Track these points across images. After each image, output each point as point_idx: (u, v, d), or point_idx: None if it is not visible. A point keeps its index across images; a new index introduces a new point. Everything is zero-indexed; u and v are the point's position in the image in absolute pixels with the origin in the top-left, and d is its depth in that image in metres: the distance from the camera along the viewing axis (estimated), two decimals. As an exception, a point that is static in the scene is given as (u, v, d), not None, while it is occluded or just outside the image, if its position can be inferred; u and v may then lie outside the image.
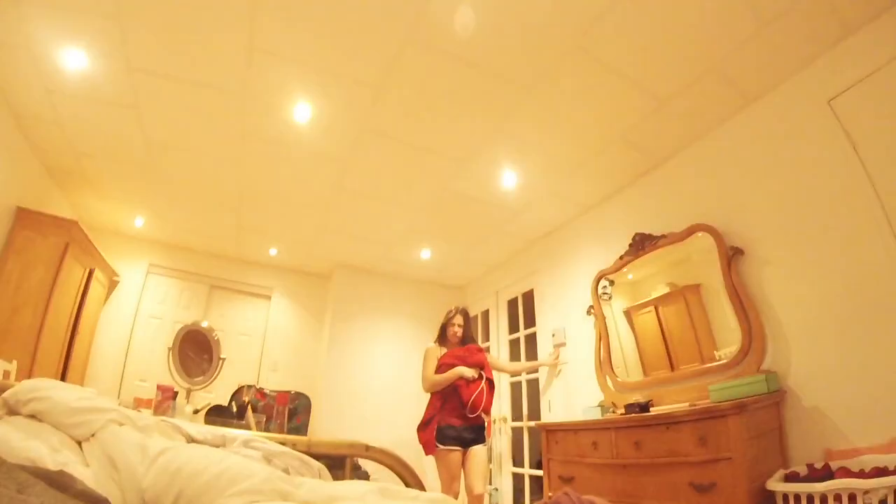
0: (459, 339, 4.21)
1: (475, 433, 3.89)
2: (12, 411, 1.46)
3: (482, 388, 3.90)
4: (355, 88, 3.45)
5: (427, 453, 3.86)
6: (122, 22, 2.99)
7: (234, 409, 3.10)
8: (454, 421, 3.82)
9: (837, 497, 2.17)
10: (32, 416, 1.43)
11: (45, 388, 1.49)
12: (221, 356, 3.76)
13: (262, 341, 6.69)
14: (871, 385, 2.65)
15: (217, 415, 3.01)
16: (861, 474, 2.25)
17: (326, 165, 4.37)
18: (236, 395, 3.24)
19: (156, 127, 3.96)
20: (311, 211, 5.25)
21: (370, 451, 2.49)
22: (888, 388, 2.59)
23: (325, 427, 5.76)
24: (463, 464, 3.81)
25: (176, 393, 3.40)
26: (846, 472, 2.32)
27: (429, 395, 4.07)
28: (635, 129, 3.80)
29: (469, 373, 3.90)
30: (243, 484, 1.34)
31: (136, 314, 5.96)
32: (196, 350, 3.69)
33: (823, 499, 2.21)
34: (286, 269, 6.99)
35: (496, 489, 5.62)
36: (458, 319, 4.24)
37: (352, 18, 2.92)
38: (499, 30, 2.97)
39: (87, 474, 1.28)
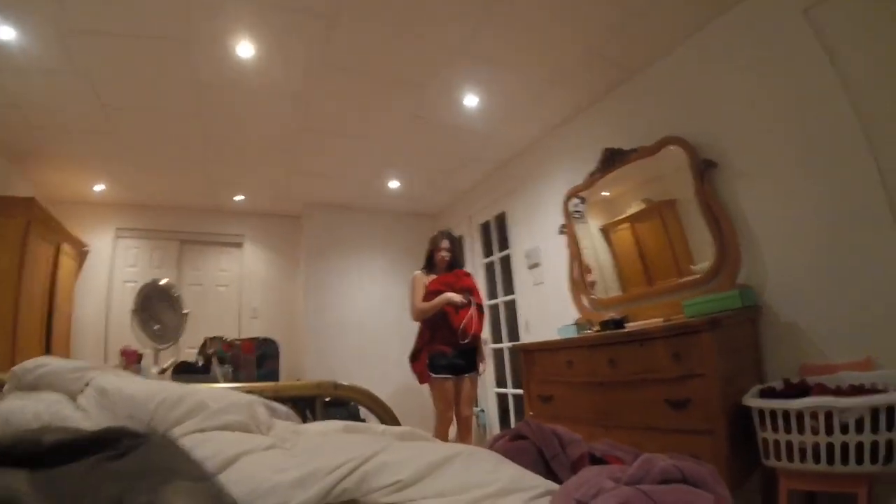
0: (447, 263, 4.04)
1: (466, 360, 3.84)
2: (20, 385, 1.55)
3: (472, 313, 3.80)
4: (306, 19, 3.15)
5: (421, 382, 3.82)
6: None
7: (200, 363, 2.97)
8: (445, 349, 3.74)
9: (814, 414, 2.10)
10: (35, 387, 1.52)
11: (49, 360, 1.61)
12: (184, 311, 3.58)
13: (240, 290, 6.54)
14: (849, 301, 2.59)
15: (183, 372, 2.87)
16: (838, 391, 2.19)
17: (285, 104, 4.09)
18: (202, 349, 3.10)
19: (104, 89, 3.67)
20: (275, 152, 4.99)
21: (339, 389, 2.37)
22: (865, 304, 2.52)
23: (312, 368, 5.74)
24: (455, 391, 3.79)
25: (140, 356, 3.26)
26: (823, 389, 2.25)
27: (418, 325, 3.98)
28: (605, 42, 3.54)
29: (458, 298, 3.77)
30: (224, 415, 1.43)
31: (110, 281, 5.79)
32: (164, 308, 3.52)
33: (800, 416, 2.15)
34: (255, 213, 6.73)
35: (482, 410, 5.65)
36: (445, 244, 4.06)
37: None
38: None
39: (75, 416, 1.38)
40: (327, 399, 2.44)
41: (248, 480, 1.04)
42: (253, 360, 3.02)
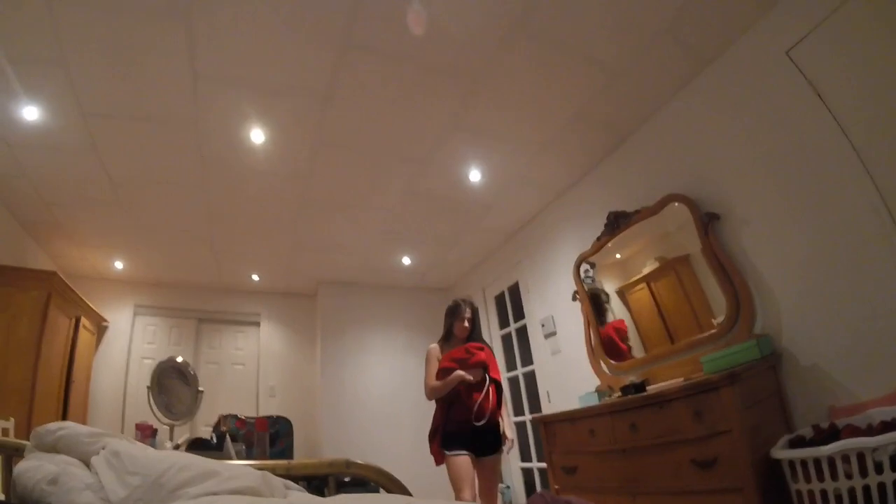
0: (467, 335, 3.59)
1: (486, 440, 3.31)
2: (40, 445, 1.56)
3: (486, 391, 3.34)
4: (303, 101, 3.30)
5: (437, 464, 3.36)
6: (66, 68, 2.87)
7: (214, 440, 2.91)
8: (460, 427, 3.26)
9: (846, 458, 1.98)
10: (54, 448, 1.54)
11: (69, 424, 1.62)
12: (199, 389, 3.56)
13: (257, 368, 6.50)
14: (868, 335, 2.50)
15: (197, 448, 2.82)
16: (869, 430, 2.07)
17: (289, 182, 4.21)
18: (216, 426, 3.05)
19: (117, 167, 3.82)
20: (283, 230, 5.08)
21: (352, 468, 2.28)
22: (885, 336, 2.43)
23: (331, 445, 5.60)
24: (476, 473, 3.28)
25: (155, 430, 3.22)
26: (853, 430, 2.14)
27: (433, 403, 3.57)
28: (594, 105, 3.63)
29: (468, 377, 3.32)
30: (237, 481, 1.40)
31: (128, 357, 5.81)
32: (180, 385, 3.50)
33: (831, 461, 2.03)
34: (271, 292, 6.79)
35: (508, 486, 5.44)
36: (468, 313, 3.60)
37: (286, 31, 2.78)
38: (435, 23, 2.80)
39: (85, 476, 1.37)
40: (346, 479, 2.37)
41: None
42: (266, 437, 2.97)
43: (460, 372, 3.35)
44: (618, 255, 4.11)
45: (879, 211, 2.46)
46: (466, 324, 3.58)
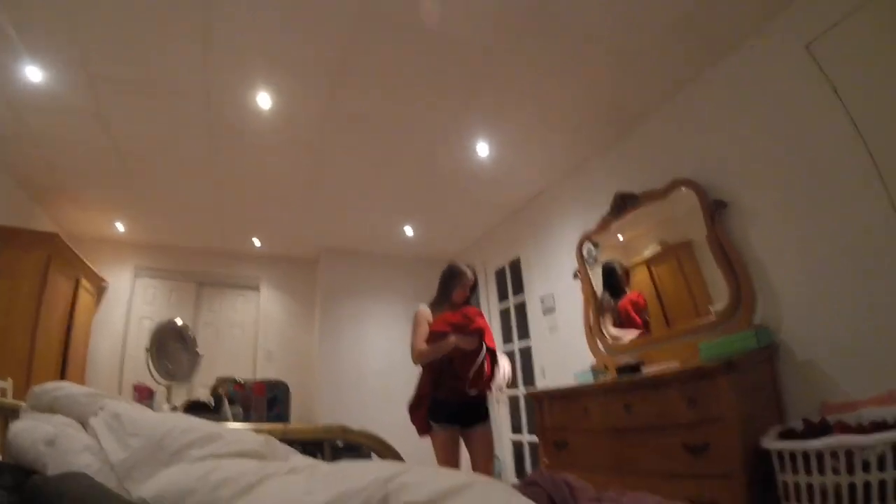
0: (464, 302, 3.36)
1: (475, 410, 3.15)
2: (37, 405, 1.56)
3: (482, 360, 3.10)
4: (317, 71, 3.27)
5: (421, 434, 3.12)
6: (75, 29, 2.83)
7: (212, 403, 2.95)
8: (449, 396, 3.07)
9: (834, 454, 2.02)
10: (51, 409, 1.53)
11: (66, 385, 1.61)
12: (198, 351, 3.59)
13: (255, 332, 6.54)
14: (867, 336, 2.52)
15: (195, 410, 2.85)
16: (859, 429, 2.10)
17: (299, 151, 4.19)
18: (214, 389, 3.09)
19: (123, 132, 3.79)
20: (290, 198, 5.08)
21: (348, 434, 2.33)
22: (884, 338, 2.45)
23: (325, 411, 5.67)
24: (466, 445, 3.11)
25: (153, 392, 3.26)
26: (843, 427, 2.17)
27: (420, 369, 3.34)
28: (608, 89, 3.61)
29: (468, 343, 3.06)
30: (240, 444, 1.40)
31: (127, 317, 5.84)
32: (179, 348, 3.54)
33: (820, 456, 2.07)
34: (272, 258, 6.80)
35: (497, 458, 5.50)
36: (471, 280, 3.36)
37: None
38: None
39: (83, 437, 1.37)
40: (340, 444, 2.41)
41: (277, 502, 1.03)
42: (264, 401, 2.99)
43: (455, 337, 3.05)
44: (620, 237, 4.12)
45: (887, 212, 2.46)
46: (468, 291, 3.37)
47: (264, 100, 3.47)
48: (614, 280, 4.05)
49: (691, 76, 3.52)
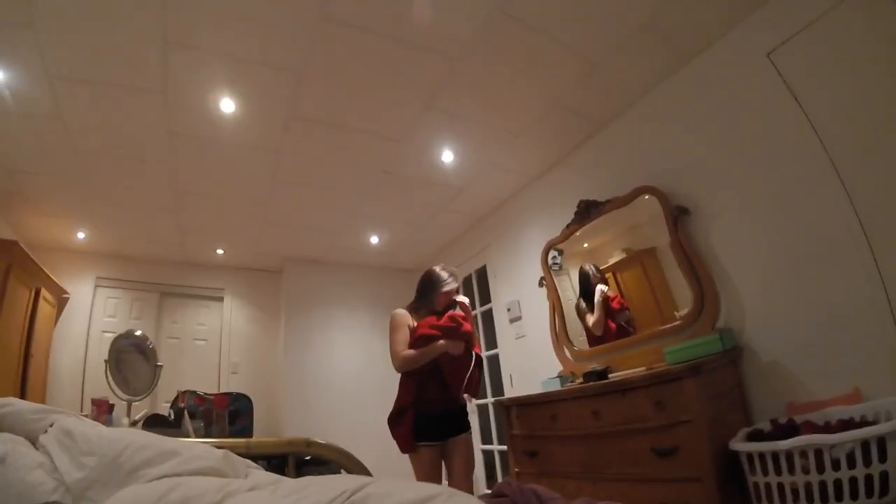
0: (445, 308, 3.14)
1: (459, 420, 3.03)
2: None
3: (472, 365, 2.95)
4: (277, 74, 3.19)
5: (403, 451, 2.92)
6: (34, 30, 2.72)
7: (172, 417, 2.85)
8: (434, 409, 2.91)
9: (803, 454, 2.03)
10: None
11: (13, 401, 1.57)
12: (158, 363, 3.47)
13: (220, 344, 6.37)
14: (830, 336, 2.56)
15: (154, 425, 2.75)
16: (827, 427, 2.13)
17: (259, 157, 4.09)
18: (174, 402, 2.98)
19: (82, 135, 3.64)
20: (251, 205, 4.96)
21: (312, 447, 2.28)
22: (847, 336, 2.50)
23: (293, 424, 5.54)
24: (445, 458, 2.95)
25: (112, 406, 3.14)
26: (811, 427, 2.19)
27: (399, 377, 3.09)
28: (571, 95, 3.62)
29: (457, 348, 2.91)
30: (199, 461, 1.37)
31: (88, 330, 5.61)
32: (138, 360, 3.42)
33: (789, 456, 2.08)
34: (235, 267, 6.63)
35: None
36: (456, 288, 3.21)
37: (263, 1, 2.67)
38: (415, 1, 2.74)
39: (34, 454, 1.34)
40: (307, 458, 2.35)
41: None
42: (225, 414, 2.90)
43: (445, 341, 2.89)
44: (586, 245, 4.13)
45: (847, 215, 2.51)
46: (452, 298, 3.18)
47: (225, 103, 3.38)
48: (588, 285, 4.02)
49: (654, 83, 3.56)
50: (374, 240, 5.97)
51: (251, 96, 3.38)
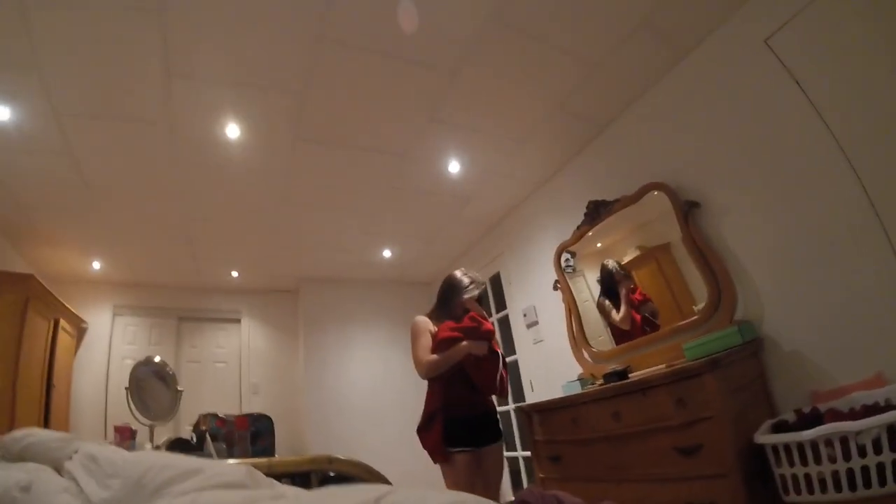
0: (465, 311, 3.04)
1: (492, 426, 2.93)
2: (7, 454, 1.54)
3: (500, 364, 2.91)
4: (279, 97, 3.22)
5: (435, 461, 2.80)
6: (40, 70, 2.77)
7: (194, 440, 2.84)
8: (465, 412, 2.81)
9: (828, 442, 1.97)
10: (22, 458, 1.51)
11: (36, 431, 1.61)
12: (178, 388, 3.48)
13: (239, 366, 6.39)
14: (849, 320, 2.50)
15: (177, 448, 2.74)
16: (851, 414, 2.07)
17: (268, 180, 4.12)
18: (196, 425, 2.98)
19: (91, 169, 3.69)
20: (263, 228, 4.99)
21: (334, 464, 2.26)
22: (866, 321, 2.43)
23: (316, 442, 5.53)
24: (477, 467, 2.81)
25: (134, 432, 3.15)
26: (835, 415, 2.13)
27: (426, 385, 3.00)
28: (572, 98, 3.60)
29: (480, 349, 2.84)
30: (222, 477, 1.35)
31: (108, 358, 5.66)
32: (158, 386, 3.42)
33: (814, 445, 2.02)
34: (251, 290, 6.67)
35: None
36: (477, 293, 3.12)
37: (260, 26, 2.70)
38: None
39: (59, 480, 1.34)
40: (331, 475, 2.33)
41: None
42: (247, 435, 2.89)
43: (468, 342, 2.81)
44: (599, 245, 4.08)
45: (859, 197, 2.46)
46: (476, 303, 3.09)
47: (230, 129, 3.41)
48: (611, 281, 3.93)
49: (654, 80, 3.53)
50: (387, 254, 5.97)
51: (255, 120, 3.41)
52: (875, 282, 2.41)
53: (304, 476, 2.26)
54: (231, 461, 2.04)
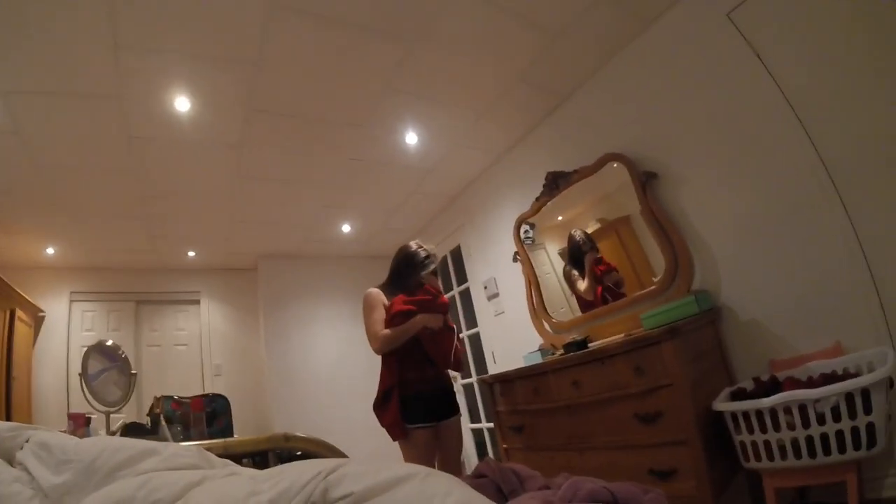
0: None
1: (449, 400, 2.86)
2: None
3: (455, 338, 2.84)
4: (233, 67, 3.03)
5: (394, 438, 2.70)
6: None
7: (149, 424, 2.72)
8: (421, 387, 2.71)
9: (787, 410, 1.98)
10: None
11: None
12: (133, 372, 3.34)
13: (201, 347, 6.17)
14: (806, 291, 2.53)
15: (132, 433, 2.62)
16: (809, 382, 2.08)
17: (222, 154, 3.91)
18: (151, 409, 2.85)
19: (40, 148, 3.46)
20: (219, 204, 4.78)
21: (291, 441, 2.22)
22: (824, 290, 2.47)
23: (281, 421, 5.40)
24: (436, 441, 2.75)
25: (89, 419, 3.00)
26: (793, 383, 2.14)
27: (380, 359, 2.85)
28: (533, 68, 3.51)
29: (436, 321, 2.76)
30: (176, 458, 1.35)
31: (67, 346, 5.41)
32: (113, 370, 3.27)
33: (773, 413, 2.02)
34: (209, 269, 6.41)
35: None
36: (435, 269, 3.01)
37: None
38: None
39: (11, 471, 1.32)
40: (298, 453, 2.27)
41: (218, 498, 1.01)
42: (203, 417, 2.77)
43: (423, 315, 2.72)
44: (559, 217, 4.04)
45: (816, 170, 2.47)
46: (433, 277, 3.00)
47: (181, 102, 3.22)
48: (578, 251, 3.87)
49: (615, 51, 3.47)
50: (347, 229, 5.82)
51: (208, 92, 3.22)
52: (833, 254, 2.43)
53: (263, 455, 2.21)
54: (186, 444, 1.94)
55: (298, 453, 2.28)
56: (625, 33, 3.32)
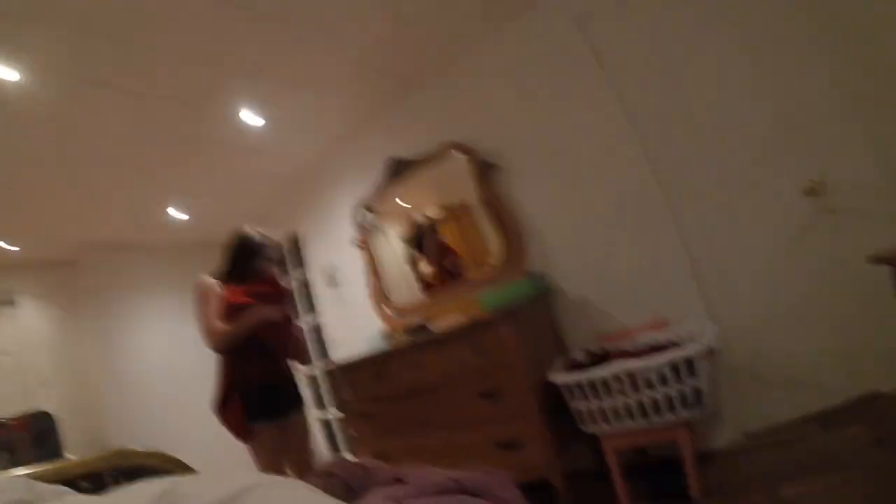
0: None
1: (293, 394, 2.66)
2: None
3: (295, 328, 2.69)
4: (60, 32, 2.60)
5: (242, 440, 2.45)
6: None
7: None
8: (263, 381, 2.48)
9: (618, 379, 2.14)
10: None
11: None
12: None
13: (21, 356, 5.13)
14: (629, 270, 2.87)
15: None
16: (637, 352, 2.27)
17: (44, 131, 3.34)
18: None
19: None
20: (40, 188, 4.11)
21: (129, 458, 1.97)
22: (643, 271, 2.81)
23: (122, 435, 4.66)
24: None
25: None
26: (623, 353, 2.32)
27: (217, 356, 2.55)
28: (378, 55, 3.43)
29: (277, 313, 2.49)
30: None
31: None
32: None
33: (605, 382, 2.18)
34: (25, 264, 5.39)
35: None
36: (275, 256, 2.80)
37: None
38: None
39: None
40: (147, 469, 2.02)
41: None
42: (28, 439, 2.38)
43: (263, 309, 2.43)
44: (401, 203, 4.04)
45: (644, 168, 2.80)
46: (274, 267, 2.78)
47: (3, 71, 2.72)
48: (420, 237, 3.91)
49: (468, 45, 3.50)
50: (179, 215, 5.32)
51: (31, 60, 2.73)
52: (657, 241, 2.78)
53: (99, 477, 1.96)
54: (15, 472, 1.70)
55: (147, 469, 2.06)
56: (480, 29, 3.35)
